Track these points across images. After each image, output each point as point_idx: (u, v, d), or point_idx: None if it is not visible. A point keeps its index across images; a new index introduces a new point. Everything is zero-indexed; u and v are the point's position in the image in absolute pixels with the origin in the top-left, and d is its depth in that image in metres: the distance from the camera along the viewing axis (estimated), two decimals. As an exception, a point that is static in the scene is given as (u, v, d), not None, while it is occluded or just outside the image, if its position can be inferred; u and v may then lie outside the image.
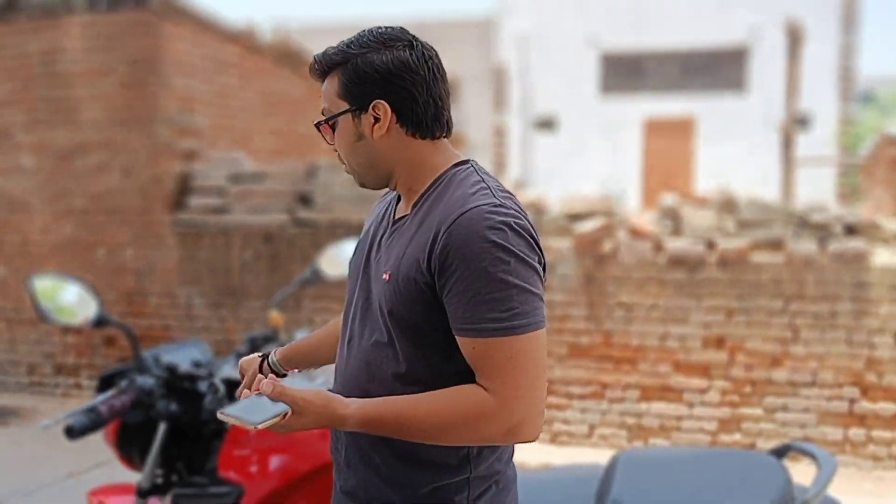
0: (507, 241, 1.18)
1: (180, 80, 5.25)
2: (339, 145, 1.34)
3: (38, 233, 5.48)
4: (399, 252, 1.28)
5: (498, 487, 1.31)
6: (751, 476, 1.85)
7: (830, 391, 4.15)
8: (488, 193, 1.24)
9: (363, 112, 1.29)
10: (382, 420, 1.20)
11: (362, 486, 1.32)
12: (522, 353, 1.17)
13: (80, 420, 1.77)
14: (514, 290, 1.17)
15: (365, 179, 1.36)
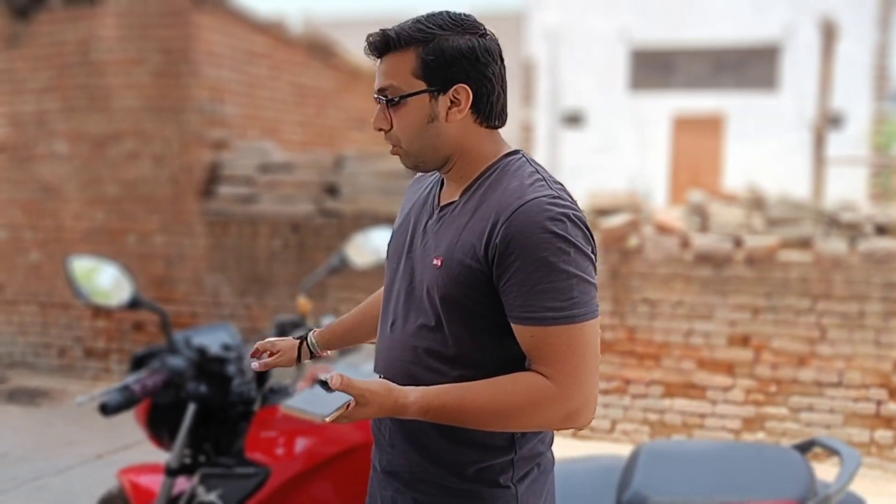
0: (567, 231, 1.20)
1: (211, 70, 5.31)
2: (403, 124, 1.29)
3: (72, 219, 5.58)
4: (452, 238, 1.28)
5: (539, 470, 1.34)
6: (774, 470, 1.85)
7: (857, 392, 4.11)
8: (545, 185, 1.25)
9: (442, 94, 1.27)
10: (444, 408, 1.20)
11: (407, 467, 1.33)
12: (580, 341, 1.20)
13: (115, 397, 1.82)
14: (574, 280, 1.19)
15: (421, 161, 1.34)
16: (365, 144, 7.13)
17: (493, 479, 1.29)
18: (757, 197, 4.56)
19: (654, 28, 15.17)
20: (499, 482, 1.29)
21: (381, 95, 1.30)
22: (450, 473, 1.30)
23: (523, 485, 1.31)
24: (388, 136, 1.33)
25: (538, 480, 1.34)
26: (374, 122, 1.32)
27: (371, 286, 4.88)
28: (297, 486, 1.91)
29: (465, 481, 1.29)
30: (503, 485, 1.29)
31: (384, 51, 1.28)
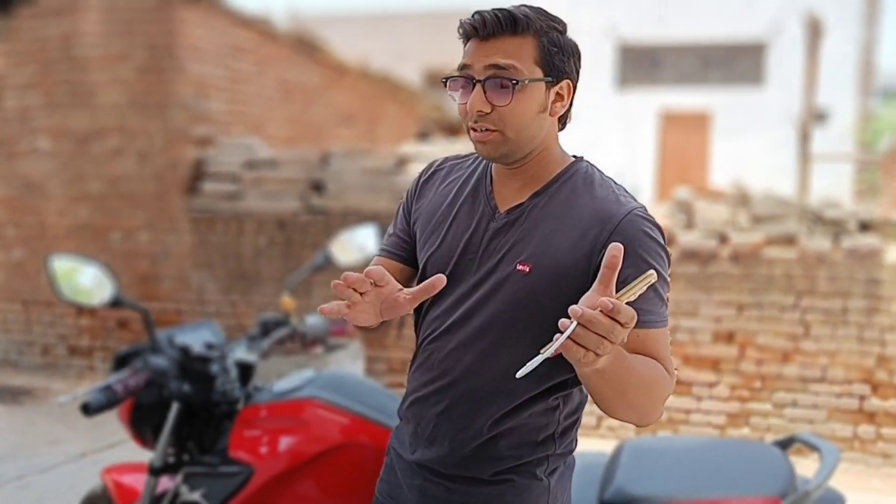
0: (663, 241, 1.28)
1: (196, 65, 5.28)
2: (518, 109, 1.25)
3: (55, 216, 5.54)
4: (539, 244, 1.28)
5: (565, 466, 1.40)
6: (755, 465, 1.87)
7: (840, 388, 4.15)
8: (628, 196, 1.32)
9: (554, 86, 1.28)
10: (626, 358, 1.14)
11: (443, 462, 1.36)
12: (668, 339, 1.29)
13: (97, 397, 1.80)
14: (666, 286, 1.28)
15: (512, 150, 1.29)
16: (351, 141, 7.12)
17: (530, 471, 1.34)
18: (742, 194, 4.59)
19: (642, 24, 15.21)
20: (535, 474, 1.34)
21: (495, 75, 1.24)
22: (490, 468, 1.33)
23: (553, 478, 1.36)
24: (484, 120, 1.26)
25: (565, 475, 1.40)
26: (473, 104, 1.25)
27: (358, 283, 4.87)
28: (281, 484, 1.90)
29: (505, 474, 1.33)
30: (538, 477, 1.34)
31: (503, 30, 1.24)
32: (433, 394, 1.37)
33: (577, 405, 1.39)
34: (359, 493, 1.88)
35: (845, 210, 4.43)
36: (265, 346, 2.21)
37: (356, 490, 1.89)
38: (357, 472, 1.91)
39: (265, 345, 2.21)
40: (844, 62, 13.83)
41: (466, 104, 1.27)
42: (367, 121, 7.68)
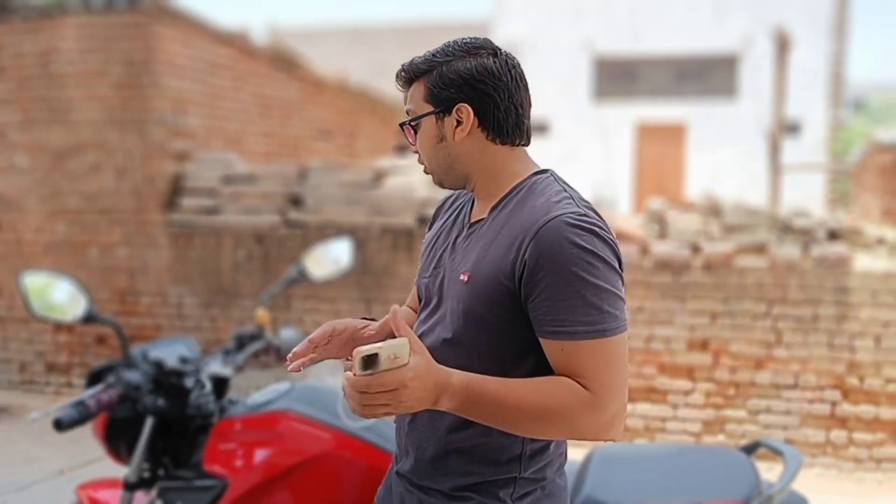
0: (594, 246, 1.22)
1: (173, 81, 5.29)
2: (420, 146, 1.39)
3: (32, 232, 5.51)
4: (479, 254, 1.32)
5: (543, 493, 1.34)
6: (721, 471, 1.91)
7: (812, 394, 4.22)
8: (572, 202, 1.29)
9: (447, 115, 1.35)
10: (484, 397, 1.20)
11: (416, 472, 1.39)
12: (612, 354, 1.21)
13: (69, 413, 1.81)
14: (604, 293, 1.21)
15: (442, 179, 1.42)
16: (329, 155, 7.14)
17: (492, 492, 1.32)
18: (713, 204, 4.67)
19: (618, 38, 15.39)
20: (498, 495, 1.31)
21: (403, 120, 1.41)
22: (451, 483, 1.34)
23: (523, 502, 1.32)
24: (419, 159, 1.42)
25: (540, 502, 1.34)
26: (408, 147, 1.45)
27: (335, 297, 4.90)
28: (256, 497, 1.92)
29: (466, 491, 1.33)
30: (502, 499, 1.31)
31: (407, 83, 1.39)
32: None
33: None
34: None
35: (814, 219, 4.52)
36: (240, 360, 2.22)
37: (331, 502, 1.91)
38: (332, 484, 1.93)
39: (240, 358, 2.23)
40: (815, 74, 14.07)
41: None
42: (346, 135, 7.71)
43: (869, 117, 15.43)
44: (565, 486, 1.40)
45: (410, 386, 1.13)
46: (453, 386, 1.19)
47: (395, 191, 4.87)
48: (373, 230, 4.80)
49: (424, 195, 4.81)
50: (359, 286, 4.83)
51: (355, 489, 1.92)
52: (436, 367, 1.19)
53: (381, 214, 4.82)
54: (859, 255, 4.34)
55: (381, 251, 4.79)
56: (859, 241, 4.49)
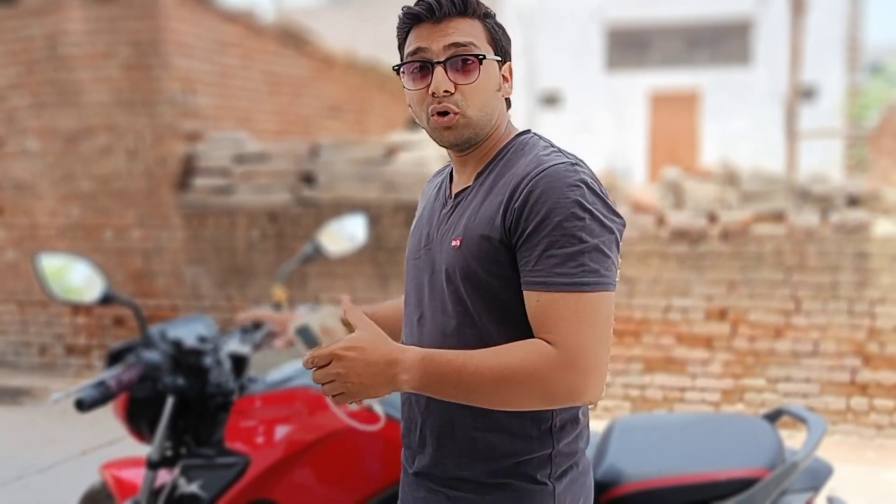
0: (584, 197, 1.17)
1: (182, 61, 5.27)
2: (478, 89, 1.26)
3: (47, 216, 5.53)
4: (469, 217, 1.26)
5: (578, 470, 1.29)
6: (744, 439, 1.89)
7: (832, 361, 4.18)
8: (561, 155, 1.25)
9: (502, 66, 1.32)
10: (443, 368, 1.15)
11: (440, 464, 1.29)
12: (588, 311, 1.14)
13: (90, 393, 1.81)
14: (586, 247, 1.15)
15: (476, 131, 1.29)
16: (340, 132, 7.11)
17: (530, 474, 1.24)
18: (730, 172, 4.61)
19: (629, 7, 15.16)
20: (536, 478, 1.24)
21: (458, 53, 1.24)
22: (484, 467, 1.25)
23: (562, 483, 1.25)
24: (449, 102, 1.25)
25: (577, 481, 1.28)
26: (439, 85, 1.24)
27: (350, 273, 4.89)
28: (277, 473, 1.92)
29: (500, 475, 1.24)
30: (541, 481, 1.24)
31: (455, 12, 1.25)
32: (413, 394, 1.32)
33: None
34: (353, 480, 1.91)
35: (832, 185, 4.46)
36: (258, 338, 2.22)
37: (351, 476, 1.92)
38: (351, 459, 1.94)
39: (258, 336, 2.22)
40: (831, 38, 13.82)
41: (426, 88, 1.26)
42: (356, 111, 7.67)
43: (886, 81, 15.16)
44: (589, 461, 1.35)
45: (346, 357, 1.14)
46: (406, 360, 1.16)
47: (407, 166, 4.84)
48: (386, 206, 4.78)
49: (437, 170, 4.78)
50: (373, 262, 4.83)
51: (375, 463, 1.92)
52: (384, 342, 1.16)
53: (394, 190, 4.79)
54: (879, 220, 4.27)
55: (394, 227, 4.77)
56: (878, 206, 4.43)
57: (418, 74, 1.27)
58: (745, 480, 1.76)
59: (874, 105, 12.12)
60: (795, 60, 9.34)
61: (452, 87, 1.25)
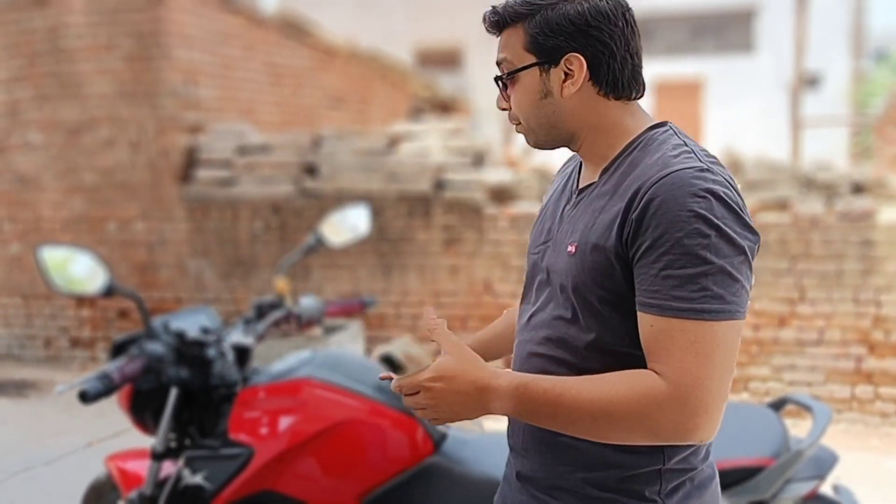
0: (711, 211, 1.04)
1: (183, 52, 5.25)
2: (518, 102, 1.22)
3: (50, 209, 5.54)
4: (588, 222, 1.17)
5: (693, 484, 1.18)
6: (749, 427, 1.89)
7: (837, 349, 4.17)
8: (693, 157, 1.11)
9: (553, 67, 1.18)
10: (538, 396, 1.09)
11: (543, 470, 1.22)
12: (708, 341, 1.02)
13: (94, 385, 1.82)
14: (711, 268, 1.02)
15: (540, 140, 1.24)
16: (342, 123, 7.10)
17: (638, 490, 1.15)
18: (734, 160, 4.58)
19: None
20: (644, 495, 1.15)
21: (499, 73, 1.24)
22: (587, 479, 1.17)
23: (672, 499, 1.16)
24: (510, 116, 1.26)
25: (691, 497, 1.17)
26: (497, 103, 1.27)
27: (354, 264, 4.89)
28: (282, 464, 1.92)
29: (606, 491, 1.16)
30: (649, 498, 1.15)
31: (499, 27, 1.22)
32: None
33: None
34: (358, 471, 1.91)
35: (837, 173, 4.43)
36: (261, 329, 2.22)
37: (355, 467, 1.92)
38: (357, 450, 1.93)
39: (261, 327, 2.22)
40: (835, 25, 13.75)
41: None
42: (358, 102, 7.65)
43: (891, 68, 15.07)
44: (714, 474, 1.23)
45: (434, 388, 1.10)
46: (500, 389, 1.10)
47: (410, 157, 4.83)
48: (388, 197, 4.77)
49: (439, 160, 4.77)
50: (376, 253, 4.82)
51: (380, 454, 1.92)
52: (473, 367, 1.11)
53: (397, 181, 4.78)
54: (884, 208, 4.25)
55: (397, 218, 4.77)
56: (883, 193, 4.40)
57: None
58: (750, 469, 1.75)
59: (879, 92, 12.05)
60: (800, 48, 9.28)
61: (504, 105, 1.26)
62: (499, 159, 5.21)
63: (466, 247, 4.69)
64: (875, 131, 8.51)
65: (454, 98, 9.77)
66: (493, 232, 4.59)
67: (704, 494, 1.19)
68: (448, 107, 9.20)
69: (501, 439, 2.09)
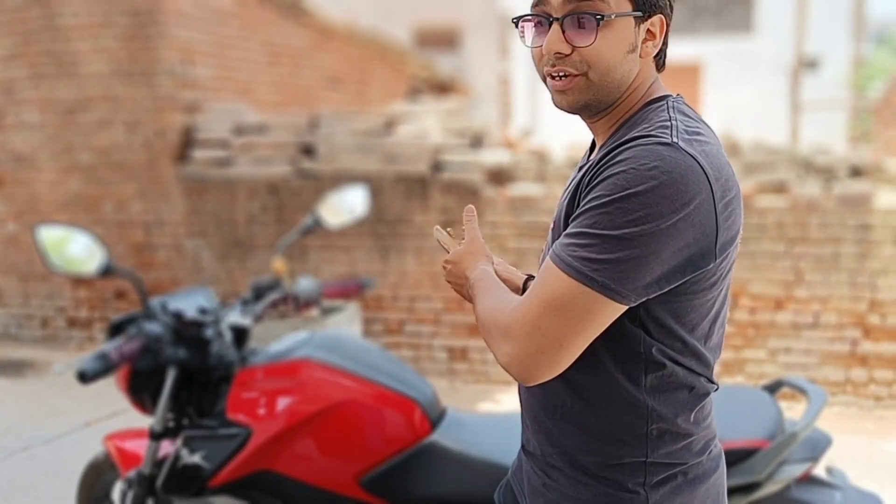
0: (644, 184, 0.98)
1: (180, 31, 5.21)
2: (601, 49, 1.08)
3: (46, 188, 5.52)
4: (566, 196, 1.16)
5: (685, 478, 1.14)
6: (743, 410, 1.90)
7: (833, 333, 4.19)
8: (666, 132, 1.04)
9: (643, 22, 1.11)
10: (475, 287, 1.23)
11: (540, 448, 1.23)
12: (555, 288, 1.02)
13: (92, 365, 1.82)
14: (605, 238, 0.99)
15: (599, 97, 1.12)
16: (340, 103, 7.06)
17: (620, 480, 1.13)
18: (732, 143, 4.58)
19: (632, -25, 14.99)
20: (627, 485, 1.13)
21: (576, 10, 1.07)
22: (576, 465, 1.17)
23: (658, 493, 1.13)
24: (563, 63, 1.10)
25: (682, 491, 1.14)
26: (550, 45, 1.09)
27: (351, 246, 4.89)
28: (280, 444, 1.93)
29: (590, 477, 1.16)
30: (631, 489, 1.13)
31: None
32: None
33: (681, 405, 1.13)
34: (355, 451, 1.92)
35: (835, 156, 4.43)
36: (259, 310, 2.23)
37: (352, 447, 1.93)
38: (354, 431, 1.94)
39: (259, 308, 2.23)
40: (836, 8, 13.67)
41: (541, 47, 1.11)
42: (356, 82, 7.61)
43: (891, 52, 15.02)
44: (715, 468, 1.20)
45: (447, 267, 1.34)
46: (468, 279, 1.27)
47: (408, 138, 4.81)
48: (386, 178, 4.76)
49: (438, 142, 4.75)
50: (374, 235, 4.82)
51: (377, 435, 1.93)
52: (469, 260, 1.29)
53: (395, 162, 4.77)
54: (882, 191, 4.25)
55: (395, 199, 4.76)
56: (881, 177, 4.41)
57: (535, 30, 1.13)
58: (744, 451, 1.77)
59: (879, 76, 12.00)
60: (800, 30, 9.24)
61: (567, 49, 1.09)
62: (497, 141, 5.20)
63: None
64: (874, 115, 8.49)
65: (453, 79, 9.72)
66: (490, 214, 4.59)
67: (698, 490, 1.15)
68: (446, 88, 9.16)
69: (499, 421, 2.11)
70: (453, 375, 4.80)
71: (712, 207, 1.02)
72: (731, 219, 1.06)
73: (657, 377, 1.11)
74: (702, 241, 1.02)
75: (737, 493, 1.75)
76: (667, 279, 1.03)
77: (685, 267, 1.03)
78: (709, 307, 1.12)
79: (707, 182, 1.01)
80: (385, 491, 1.88)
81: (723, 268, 1.09)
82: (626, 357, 1.11)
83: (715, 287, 1.10)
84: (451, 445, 1.91)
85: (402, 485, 1.88)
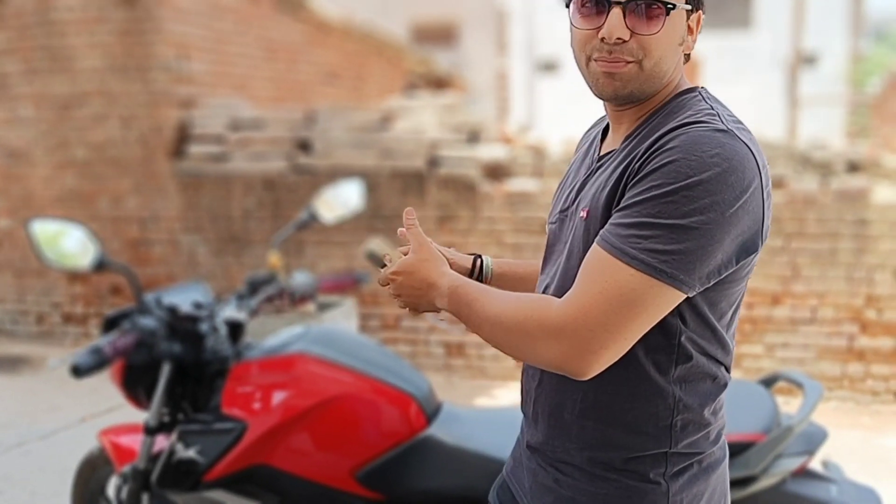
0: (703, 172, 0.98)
1: (176, 26, 5.19)
2: (660, 39, 1.09)
3: (41, 183, 5.50)
4: (600, 185, 1.13)
5: (700, 467, 1.16)
6: (740, 403, 1.89)
7: (830, 328, 4.19)
8: (716, 119, 1.05)
9: (691, 16, 1.14)
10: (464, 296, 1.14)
11: (549, 444, 1.21)
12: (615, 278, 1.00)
13: (86, 359, 1.81)
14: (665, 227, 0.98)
15: (639, 88, 1.12)
16: (337, 99, 7.04)
17: (642, 471, 1.13)
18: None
19: (629, -30, 14.97)
20: (648, 476, 1.13)
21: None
22: (592, 457, 1.16)
23: (677, 482, 1.13)
24: (620, 50, 1.09)
25: (698, 479, 1.15)
26: (612, 30, 1.08)
27: (347, 241, 4.88)
28: (275, 438, 1.93)
29: (610, 471, 1.15)
30: (653, 480, 1.13)
31: None
32: (531, 365, 1.24)
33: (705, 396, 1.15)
34: (350, 445, 1.91)
35: (833, 151, 4.42)
36: (254, 304, 2.22)
37: (348, 442, 1.92)
38: (349, 425, 1.94)
39: (254, 303, 2.22)
40: (834, 3, 13.67)
41: (597, 30, 1.10)
42: (353, 78, 7.59)
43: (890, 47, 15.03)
44: (724, 456, 1.21)
45: (396, 281, 1.23)
46: (441, 287, 1.18)
47: (404, 133, 4.80)
48: (383, 173, 4.75)
49: (435, 137, 4.74)
50: (370, 230, 4.81)
51: (372, 429, 1.93)
52: (429, 266, 1.20)
53: (391, 158, 4.76)
54: (879, 187, 4.25)
55: (391, 195, 4.75)
56: (879, 172, 4.40)
57: (591, 11, 1.10)
58: (740, 444, 1.76)
59: (877, 71, 12.01)
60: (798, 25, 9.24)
61: (627, 35, 1.08)
62: (494, 136, 5.19)
63: (461, 224, 4.67)
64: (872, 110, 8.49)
65: (450, 74, 9.70)
66: (487, 209, 4.58)
67: (711, 477, 1.17)
68: (443, 83, 9.14)
69: (495, 415, 2.10)
70: (450, 371, 4.80)
71: (761, 194, 1.04)
72: (770, 206, 1.08)
73: (685, 368, 1.12)
74: (753, 228, 1.04)
75: (733, 486, 1.74)
76: (725, 267, 1.04)
77: (739, 254, 1.04)
78: (738, 294, 1.13)
79: (757, 169, 1.03)
80: (381, 485, 1.88)
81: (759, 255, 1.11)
82: (658, 347, 1.10)
83: (749, 274, 1.12)
84: (447, 440, 1.91)
85: (398, 479, 1.87)
